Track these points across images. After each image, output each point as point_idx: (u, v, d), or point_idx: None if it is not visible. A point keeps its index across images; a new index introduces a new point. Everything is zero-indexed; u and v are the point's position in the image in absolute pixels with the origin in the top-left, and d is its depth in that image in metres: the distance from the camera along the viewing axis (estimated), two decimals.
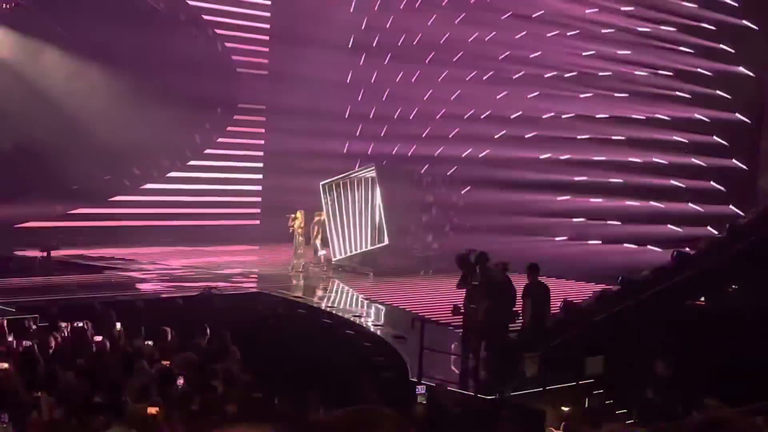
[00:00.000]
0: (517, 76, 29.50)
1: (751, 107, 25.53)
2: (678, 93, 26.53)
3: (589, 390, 15.96)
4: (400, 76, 31.99)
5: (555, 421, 13.85)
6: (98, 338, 16.47)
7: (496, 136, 29.81)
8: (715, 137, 26.00)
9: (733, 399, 9.55)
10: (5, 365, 14.12)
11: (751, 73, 25.55)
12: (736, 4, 25.83)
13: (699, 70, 26.20)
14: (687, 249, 18.95)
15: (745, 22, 25.62)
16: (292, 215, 26.75)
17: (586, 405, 15.65)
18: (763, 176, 25.31)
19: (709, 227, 24.38)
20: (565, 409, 14.79)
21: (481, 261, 16.42)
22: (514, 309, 16.36)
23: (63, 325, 17.30)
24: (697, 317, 17.38)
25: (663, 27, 26.87)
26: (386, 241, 27.35)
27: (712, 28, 26.05)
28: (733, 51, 25.77)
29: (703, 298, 18.58)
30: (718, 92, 25.84)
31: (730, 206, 24.95)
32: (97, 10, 28.58)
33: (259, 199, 33.94)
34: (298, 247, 26.73)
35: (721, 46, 25.88)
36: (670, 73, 26.80)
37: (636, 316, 17.25)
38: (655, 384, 14.57)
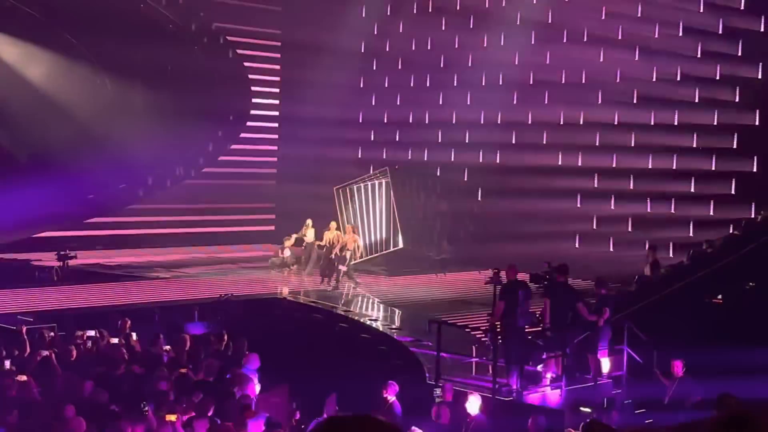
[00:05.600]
0: (529, 82, 29.41)
1: (762, 109, 25.40)
2: (686, 97, 26.43)
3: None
4: (412, 80, 31.99)
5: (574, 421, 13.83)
6: (114, 340, 16.58)
7: (511, 142, 29.72)
8: (725, 140, 25.86)
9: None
10: (24, 377, 14.21)
11: (759, 75, 25.44)
12: (741, 6, 25.72)
13: (706, 73, 26.12)
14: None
15: (750, 22, 25.51)
16: (304, 226, 26.71)
17: (605, 405, 15.65)
18: None
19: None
20: (585, 410, 14.80)
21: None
22: (531, 310, 16.37)
23: (80, 333, 17.40)
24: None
25: (668, 31, 26.79)
26: (401, 245, 27.36)
27: (718, 31, 25.98)
28: (739, 53, 25.67)
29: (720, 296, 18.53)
30: (726, 95, 25.74)
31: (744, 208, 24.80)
32: (110, 21, 28.72)
33: (273, 205, 34.00)
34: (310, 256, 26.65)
35: (727, 48, 25.78)
36: (677, 77, 26.71)
37: (652, 315, 17.23)
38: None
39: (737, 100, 25.66)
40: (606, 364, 16.37)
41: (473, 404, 13.75)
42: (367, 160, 31.63)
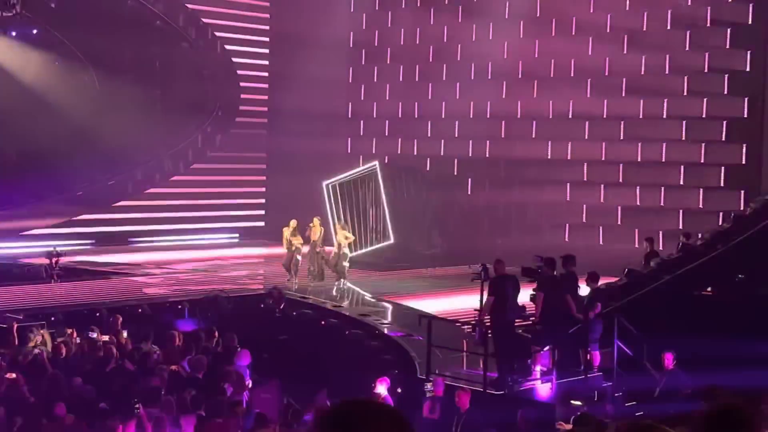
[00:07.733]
0: (519, 74, 29.42)
1: (751, 99, 25.43)
2: (674, 87, 26.46)
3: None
4: (401, 73, 31.97)
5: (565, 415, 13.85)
6: (105, 338, 16.52)
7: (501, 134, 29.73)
8: (714, 130, 25.89)
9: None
10: (13, 375, 14.15)
11: (747, 65, 25.46)
12: None
13: (694, 63, 26.15)
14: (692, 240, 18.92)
15: (739, 14, 25.51)
16: (311, 224, 24.21)
17: (595, 398, 15.66)
18: None
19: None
20: (575, 403, 14.81)
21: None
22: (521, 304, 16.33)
23: (69, 331, 17.32)
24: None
25: (656, 22, 26.81)
26: (391, 239, 27.32)
27: (707, 23, 26.01)
28: (727, 43, 25.69)
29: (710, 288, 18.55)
30: (715, 85, 25.78)
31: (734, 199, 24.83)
32: (97, 17, 28.61)
33: (263, 200, 33.92)
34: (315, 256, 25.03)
35: (716, 38, 25.80)
36: (666, 68, 26.74)
37: (642, 308, 17.24)
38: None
39: (726, 90, 25.70)
40: (596, 357, 16.38)
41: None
42: (356, 153, 31.59)
